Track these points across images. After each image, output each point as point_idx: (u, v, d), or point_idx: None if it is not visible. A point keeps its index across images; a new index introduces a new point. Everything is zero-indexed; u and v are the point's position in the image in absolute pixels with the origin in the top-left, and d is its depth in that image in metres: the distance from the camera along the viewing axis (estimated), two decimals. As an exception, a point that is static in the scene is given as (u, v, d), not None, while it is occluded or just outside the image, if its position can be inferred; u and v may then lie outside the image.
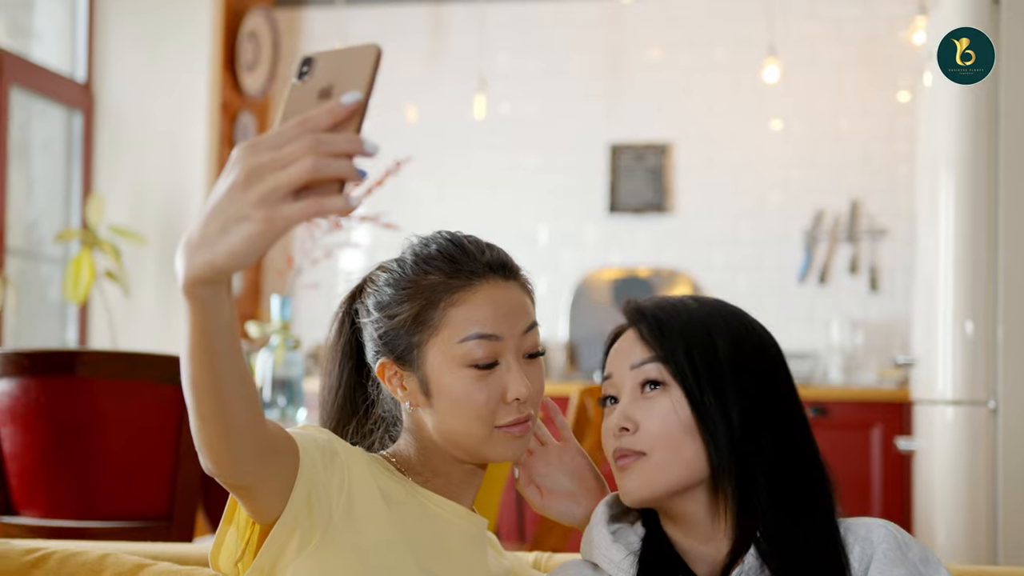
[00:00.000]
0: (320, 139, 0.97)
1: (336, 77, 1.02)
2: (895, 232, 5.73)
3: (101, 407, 2.65)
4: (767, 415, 1.35)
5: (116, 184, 5.78)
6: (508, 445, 1.44)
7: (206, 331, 1.07)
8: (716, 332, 1.37)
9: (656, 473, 1.34)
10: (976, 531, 3.27)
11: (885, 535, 1.32)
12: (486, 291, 1.46)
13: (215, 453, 1.19)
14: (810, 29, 5.89)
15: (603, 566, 1.40)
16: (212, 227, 0.99)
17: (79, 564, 1.66)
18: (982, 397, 3.32)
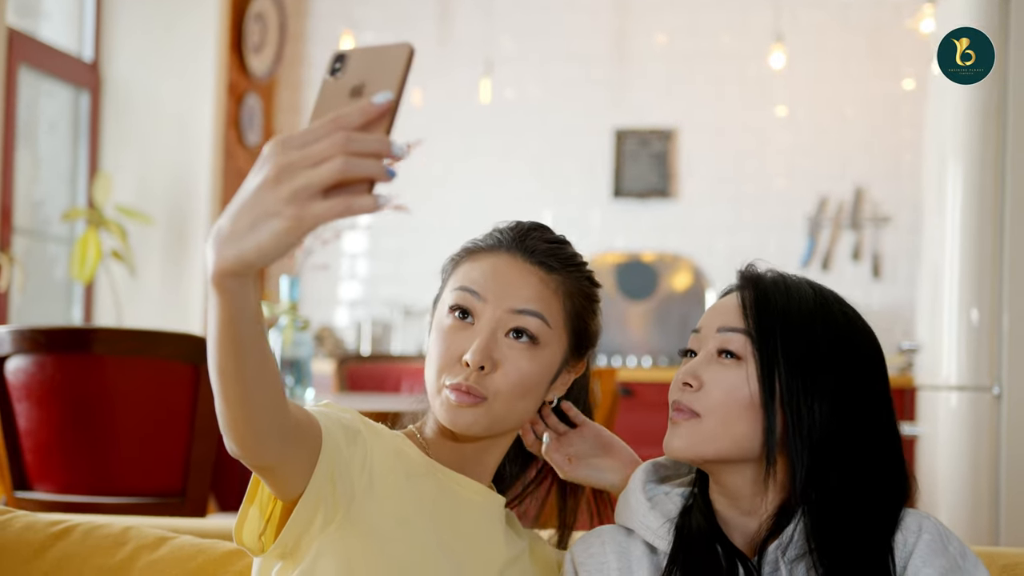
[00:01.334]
0: (351, 138, 0.98)
1: (368, 75, 1.02)
2: (898, 219, 5.76)
3: (116, 384, 2.67)
4: (854, 418, 1.34)
5: (122, 164, 5.80)
6: (444, 408, 1.44)
7: (233, 320, 1.09)
8: (820, 326, 1.36)
9: (703, 439, 1.35)
10: (979, 515, 3.31)
11: (928, 527, 1.34)
12: (492, 259, 1.50)
13: (240, 436, 1.21)
14: (816, 16, 5.90)
15: (639, 532, 1.42)
16: (242, 222, 1.01)
17: (103, 536, 1.69)
18: (986, 383, 3.35)
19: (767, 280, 1.39)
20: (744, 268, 1.42)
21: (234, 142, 6.06)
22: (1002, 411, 3.32)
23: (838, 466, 1.33)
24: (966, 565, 1.33)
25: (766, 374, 1.33)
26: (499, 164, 6.16)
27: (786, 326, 1.35)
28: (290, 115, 6.52)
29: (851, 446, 1.33)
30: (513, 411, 1.46)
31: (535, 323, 1.46)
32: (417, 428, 1.54)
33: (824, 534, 1.31)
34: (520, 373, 1.45)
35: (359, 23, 6.31)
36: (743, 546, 1.38)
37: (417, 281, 6.26)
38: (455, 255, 1.55)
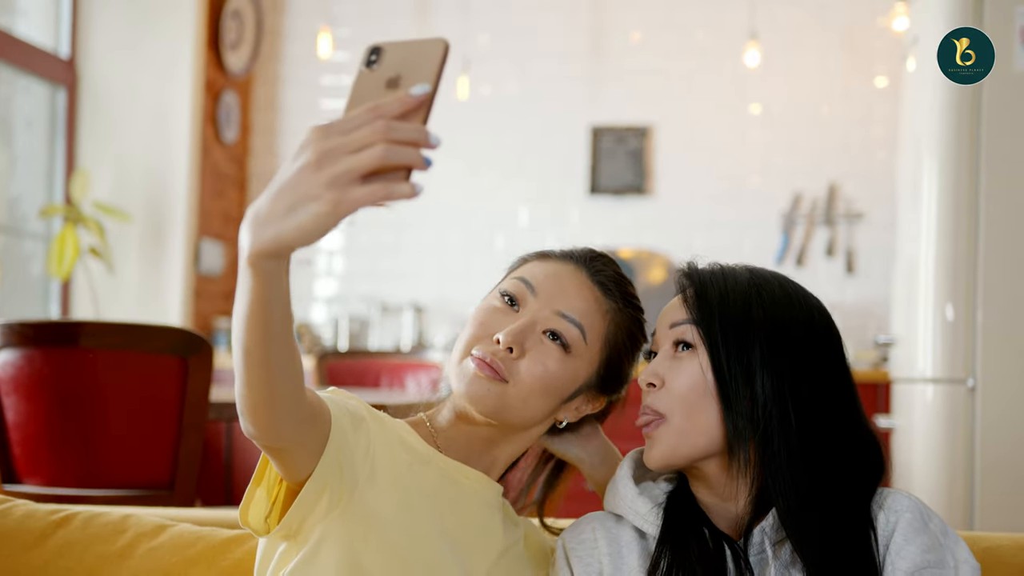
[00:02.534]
0: (392, 127, 1.02)
1: (404, 68, 1.06)
2: (871, 216, 5.82)
3: (104, 377, 2.68)
4: (798, 389, 1.37)
5: (100, 161, 5.79)
6: (464, 377, 1.47)
7: (265, 302, 1.11)
8: (755, 302, 1.41)
9: (676, 440, 1.39)
10: (954, 505, 3.36)
11: (909, 505, 1.37)
12: (558, 265, 1.55)
13: (258, 418, 1.23)
14: (791, 14, 5.95)
15: (628, 517, 1.45)
16: (281, 204, 1.04)
17: (102, 524, 1.71)
18: (961, 376, 3.40)
19: (705, 273, 1.45)
20: (684, 267, 1.48)
21: (211, 139, 6.06)
22: (976, 403, 3.38)
23: (785, 438, 1.35)
24: (947, 542, 1.36)
25: (713, 356, 1.38)
26: (476, 161, 6.18)
27: (723, 308, 1.40)
28: (267, 112, 6.52)
29: (797, 417, 1.36)
30: (527, 406, 1.48)
31: (574, 332, 1.49)
32: (428, 416, 1.56)
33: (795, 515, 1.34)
34: (545, 369, 1.47)
35: (336, 20, 6.32)
36: (729, 530, 1.42)
37: (394, 277, 6.28)
38: (526, 255, 1.60)
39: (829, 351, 1.42)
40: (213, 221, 6.10)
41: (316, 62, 6.35)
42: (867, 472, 1.40)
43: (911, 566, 1.32)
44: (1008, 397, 3.35)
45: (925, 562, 1.33)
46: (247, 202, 6.50)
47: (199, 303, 5.97)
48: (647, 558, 1.42)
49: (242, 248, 1.08)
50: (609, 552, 1.44)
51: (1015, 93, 3.36)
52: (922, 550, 1.33)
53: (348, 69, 6.41)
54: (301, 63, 6.48)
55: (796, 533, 1.34)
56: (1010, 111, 3.37)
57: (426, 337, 6.17)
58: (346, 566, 1.37)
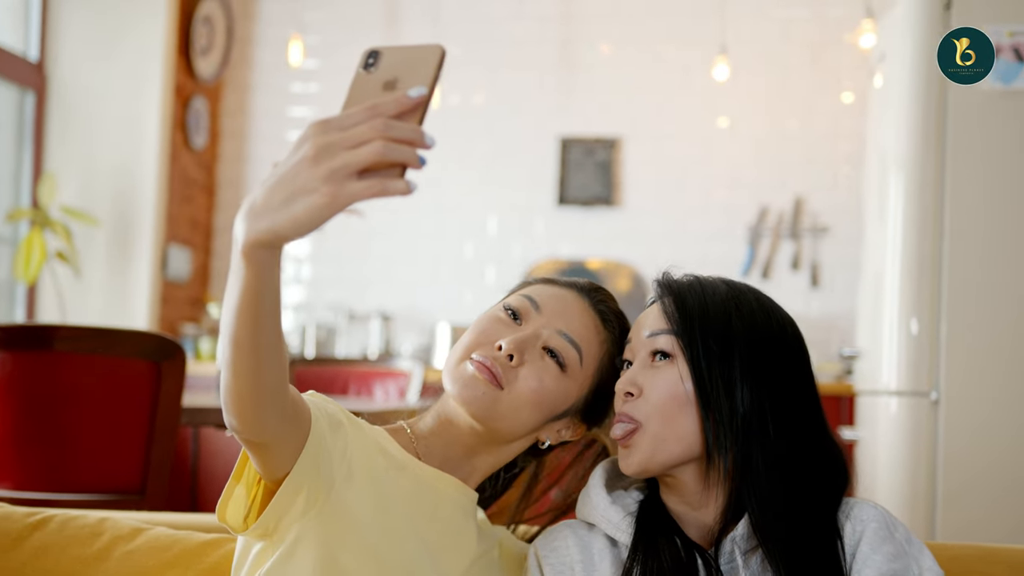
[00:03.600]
0: (389, 125, 1.05)
1: (401, 71, 1.10)
2: (836, 230, 5.87)
3: (76, 381, 2.67)
4: (775, 401, 1.40)
5: (68, 165, 5.76)
6: (462, 379, 1.50)
7: (257, 292, 1.13)
8: (735, 314, 1.43)
9: (653, 447, 1.40)
10: (916, 515, 3.40)
11: (875, 515, 1.40)
12: (562, 291, 1.59)
13: (242, 410, 1.25)
14: (759, 30, 6.00)
15: (600, 525, 1.47)
16: (278, 196, 1.07)
17: (79, 527, 1.71)
18: (925, 389, 3.45)
19: (683, 283, 1.48)
20: (660, 277, 1.50)
21: (180, 144, 6.04)
22: (939, 416, 3.42)
23: (763, 448, 1.38)
24: (911, 550, 1.39)
25: (694, 367, 1.40)
26: (445, 171, 6.19)
27: (704, 318, 1.42)
28: (236, 118, 6.51)
29: (774, 428, 1.39)
30: (516, 416, 1.51)
31: (572, 353, 1.53)
32: (409, 424, 1.58)
33: (768, 524, 1.36)
34: (541, 383, 1.50)
35: (307, 27, 6.32)
36: (699, 539, 1.43)
37: (360, 285, 6.28)
38: (530, 278, 1.64)
39: (801, 363, 1.45)
40: (181, 227, 6.08)
41: (286, 69, 6.35)
42: (834, 482, 1.43)
43: (877, 574, 1.34)
44: (970, 410, 3.40)
45: (891, 571, 1.35)
46: (215, 208, 6.49)
47: (166, 309, 5.95)
48: (619, 566, 1.43)
49: (236, 238, 1.10)
50: (581, 560, 1.45)
51: (981, 111, 3.41)
52: (887, 559, 1.36)
53: (318, 77, 6.42)
54: (271, 70, 6.47)
55: (769, 541, 1.36)
56: (974, 129, 3.42)
57: (393, 345, 6.17)
58: (322, 566, 1.38)
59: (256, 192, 1.09)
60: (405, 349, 6.06)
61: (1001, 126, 3.40)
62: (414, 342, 6.13)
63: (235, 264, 1.12)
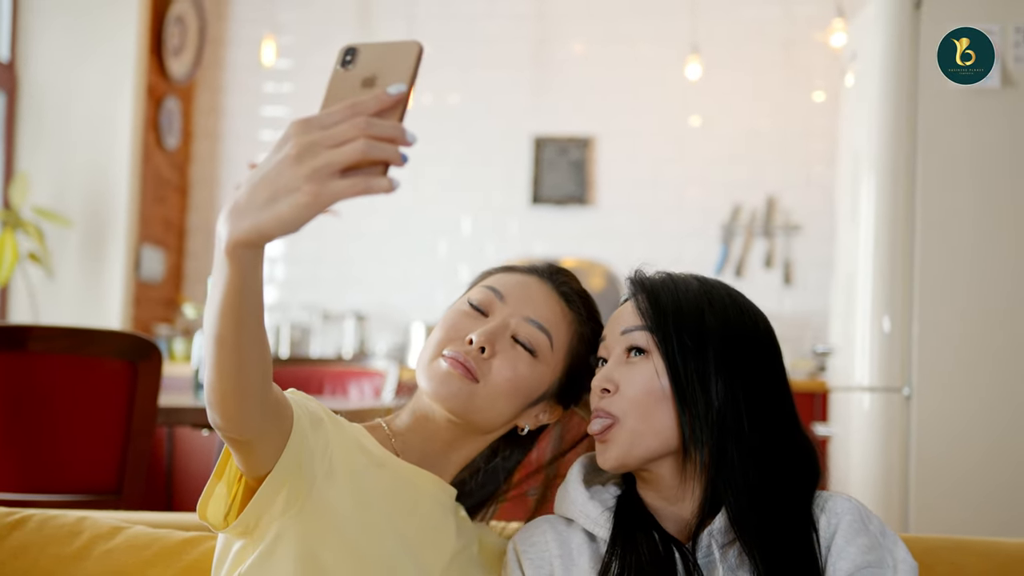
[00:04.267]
0: (371, 123, 1.06)
1: (379, 68, 1.10)
2: (809, 228, 5.90)
3: (51, 382, 2.66)
4: (749, 395, 1.43)
5: (40, 165, 5.73)
6: (436, 376, 1.51)
7: (240, 290, 1.14)
8: (708, 310, 1.46)
9: (630, 441, 1.42)
10: (890, 510, 3.43)
11: (849, 507, 1.42)
12: (524, 277, 1.61)
13: (227, 407, 1.25)
14: (731, 29, 6.03)
15: (579, 521, 1.49)
16: (261, 195, 1.07)
17: (58, 526, 1.71)
18: (897, 385, 3.47)
19: (656, 280, 1.50)
20: (632, 275, 1.53)
21: (152, 145, 6.02)
22: (912, 411, 3.45)
23: (738, 441, 1.40)
24: (885, 542, 1.41)
25: (670, 362, 1.42)
26: (418, 170, 6.19)
27: (678, 314, 1.45)
28: (210, 118, 6.49)
29: (748, 421, 1.41)
30: (494, 407, 1.53)
31: (541, 338, 1.55)
32: (386, 421, 1.60)
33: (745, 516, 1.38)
34: (515, 371, 1.53)
35: (280, 27, 6.31)
36: (677, 533, 1.45)
37: (334, 285, 6.28)
38: (490, 269, 1.65)
39: (773, 358, 1.47)
40: (154, 227, 6.06)
41: (259, 69, 6.34)
42: (807, 475, 1.45)
43: (851, 566, 1.36)
44: (942, 405, 3.43)
45: (865, 562, 1.37)
46: (189, 209, 6.46)
47: (139, 310, 5.93)
48: (598, 561, 1.45)
49: (220, 237, 1.10)
50: (560, 555, 1.47)
51: (951, 109, 3.44)
52: (862, 551, 1.38)
53: (291, 76, 6.41)
54: (244, 70, 6.45)
55: (746, 533, 1.38)
56: (945, 128, 3.45)
57: (368, 345, 6.17)
58: (302, 563, 1.39)
59: (239, 191, 1.09)
60: (380, 348, 6.06)
61: (972, 124, 3.43)
62: (388, 341, 6.13)
63: (218, 263, 1.13)
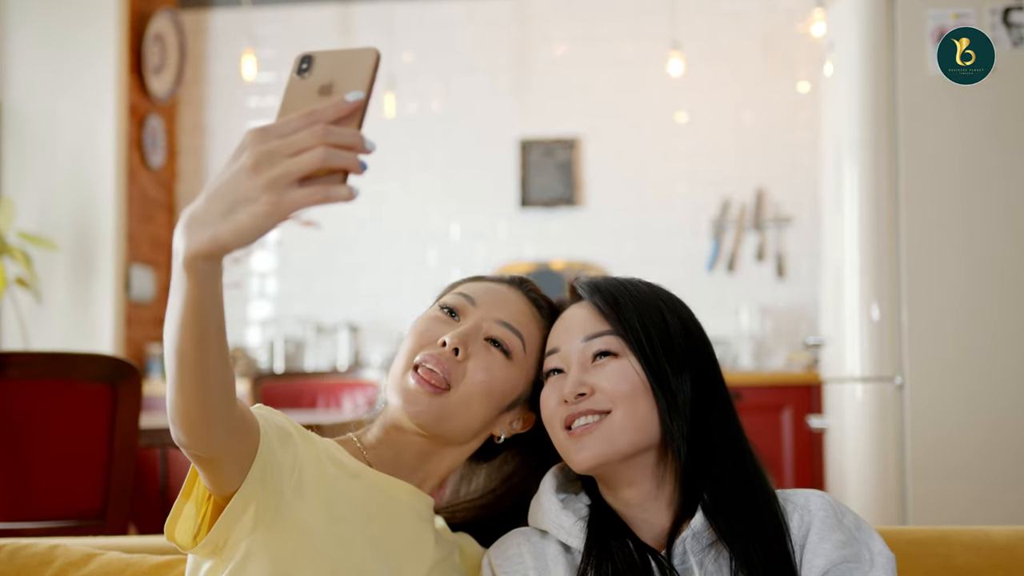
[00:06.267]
0: (330, 131, 1.03)
1: (336, 75, 1.08)
2: (799, 219, 5.89)
3: (31, 408, 2.64)
4: (712, 390, 1.44)
5: (24, 190, 5.72)
6: (404, 393, 1.50)
7: (200, 304, 1.12)
8: (666, 311, 1.47)
9: (616, 434, 1.40)
10: (886, 498, 3.41)
11: (822, 504, 1.41)
12: (493, 284, 1.61)
13: (190, 424, 1.23)
14: (710, 23, 6.02)
15: (552, 532, 1.47)
16: (218, 206, 1.05)
17: (29, 555, 1.69)
18: (889, 374, 3.45)
19: (606, 284, 1.50)
20: (580, 282, 1.53)
21: (137, 164, 6.00)
22: (904, 400, 3.43)
23: (709, 433, 1.41)
24: (861, 536, 1.40)
25: (645, 359, 1.42)
26: (405, 178, 6.18)
27: (641, 315, 1.45)
28: (193, 135, 6.48)
29: (715, 413, 1.43)
30: (468, 411, 1.51)
31: (514, 339, 1.54)
32: (357, 436, 1.58)
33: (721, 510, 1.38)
34: (490, 373, 1.51)
35: (260, 41, 6.30)
36: (651, 541, 1.43)
37: (327, 297, 6.26)
38: (457, 280, 1.65)
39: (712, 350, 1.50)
40: (142, 247, 6.04)
41: (241, 83, 6.32)
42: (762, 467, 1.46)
43: (827, 563, 1.35)
44: (935, 393, 3.41)
45: (841, 557, 1.36)
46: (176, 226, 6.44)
47: (131, 330, 5.91)
48: (573, 572, 1.43)
49: (177, 250, 1.08)
50: (535, 567, 1.45)
51: (929, 95, 3.42)
52: (837, 546, 1.36)
53: (274, 90, 6.39)
54: (226, 85, 6.44)
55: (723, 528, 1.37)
56: (925, 113, 3.43)
57: (362, 356, 6.15)
58: None
59: (195, 203, 1.07)
60: (375, 359, 6.05)
61: (952, 110, 3.41)
62: (383, 352, 6.11)
63: (176, 277, 1.11)
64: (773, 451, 5.08)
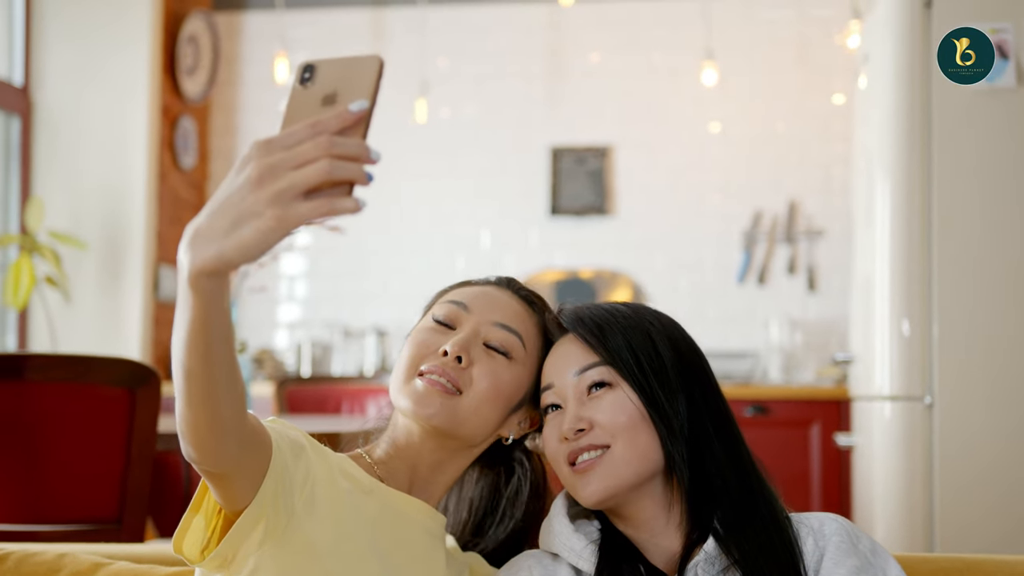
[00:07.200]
0: (335, 142, 1.01)
1: (339, 84, 1.05)
2: (831, 233, 5.83)
3: (50, 411, 2.64)
4: (708, 409, 1.42)
5: (55, 189, 5.74)
6: (414, 394, 1.48)
7: (206, 320, 1.09)
8: (654, 333, 1.45)
9: (619, 467, 1.38)
10: (913, 522, 3.35)
11: (837, 528, 1.37)
12: (482, 287, 1.61)
13: (200, 440, 1.21)
14: (746, 33, 5.97)
15: (563, 555, 1.44)
16: (223, 221, 1.02)
17: (37, 564, 1.68)
18: (918, 393, 3.40)
19: (589, 313, 1.48)
20: (558, 314, 1.52)
21: (168, 165, 6.02)
22: (934, 420, 3.37)
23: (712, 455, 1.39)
24: (877, 561, 1.36)
25: (640, 387, 1.40)
26: (436, 184, 6.17)
27: (629, 341, 1.43)
28: (225, 137, 6.49)
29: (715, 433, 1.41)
30: (479, 415, 1.50)
31: (513, 340, 1.53)
32: (366, 451, 1.56)
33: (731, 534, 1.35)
34: (496, 376, 1.51)
35: (293, 44, 6.30)
36: (663, 565, 1.41)
37: (356, 302, 6.25)
38: (444, 288, 1.64)
39: (712, 375, 1.47)
40: (172, 248, 6.05)
41: (273, 87, 6.32)
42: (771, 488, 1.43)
43: None
44: (965, 414, 3.35)
45: None
46: (206, 228, 6.45)
47: (159, 331, 5.92)
48: None
49: (181, 267, 1.06)
50: None
51: (964, 109, 3.37)
52: (852, 572, 1.33)
53: (306, 93, 6.38)
54: (258, 88, 6.44)
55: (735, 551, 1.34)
56: (960, 128, 3.38)
57: (389, 361, 6.13)
58: None
59: (199, 217, 1.04)
60: (401, 365, 6.02)
61: (986, 125, 3.36)
62: (410, 358, 6.08)
63: (182, 294, 1.08)
64: (801, 467, 5.03)
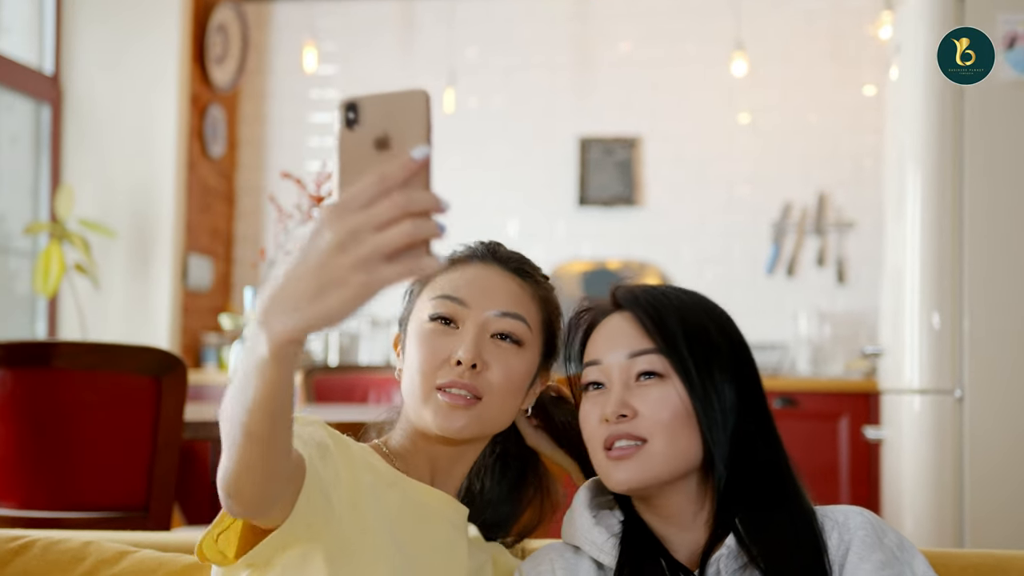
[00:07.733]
0: (411, 199, 0.97)
1: (388, 125, 1.00)
2: (861, 225, 5.79)
3: (77, 398, 2.65)
4: (754, 409, 1.39)
5: (85, 177, 5.76)
6: (438, 412, 1.46)
7: (280, 385, 1.07)
8: (708, 323, 1.41)
9: (655, 462, 1.36)
10: (943, 516, 3.33)
11: (862, 522, 1.35)
12: (467, 268, 1.56)
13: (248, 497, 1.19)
14: (777, 24, 5.93)
15: (585, 548, 1.43)
16: (306, 290, 0.98)
17: (62, 551, 1.68)
18: (948, 386, 3.37)
19: (649, 296, 1.44)
20: (617, 289, 1.47)
21: (197, 154, 6.03)
22: (964, 414, 3.35)
23: (753, 454, 1.37)
24: (903, 556, 1.34)
25: (691, 386, 1.37)
26: (464, 174, 6.16)
27: (687, 333, 1.39)
28: (254, 126, 6.50)
29: (756, 425, 1.38)
30: (504, 410, 1.51)
31: (519, 326, 1.52)
32: (382, 442, 1.55)
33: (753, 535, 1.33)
34: (510, 370, 1.50)
35: (321, 33, 6.30)
36: (685, 559, 1.40)
37: (383, 291, 6.25)
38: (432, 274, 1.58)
39: (754, 365, 1.44)
40: (200, 236, 6.07)
41: (302, 76, 6.33)
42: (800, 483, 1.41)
43: None
44: (995, 407, 3.33)
45: None
46: (235, 217, 6.47)
47: (187, 319, 5.94)
48: None
49: (258, 335, 1.02)
50: None
51: (997, 101, 3.34)
52: (877, 567, 1.31)
53: (334, 83, 6.39)
54: (287, 77, 6.45)
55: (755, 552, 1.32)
56: (992, 120, 3.35)
57: (416, 351, 6.12)
58: None
59: (275, 284, 1.01)
60: (428, 354, 6.02)
61: (1019, 116, 3.33)
62: (437, 347, 6.08)
63: (255, 361, 1.04)
64: (829, 460, 5.00)
